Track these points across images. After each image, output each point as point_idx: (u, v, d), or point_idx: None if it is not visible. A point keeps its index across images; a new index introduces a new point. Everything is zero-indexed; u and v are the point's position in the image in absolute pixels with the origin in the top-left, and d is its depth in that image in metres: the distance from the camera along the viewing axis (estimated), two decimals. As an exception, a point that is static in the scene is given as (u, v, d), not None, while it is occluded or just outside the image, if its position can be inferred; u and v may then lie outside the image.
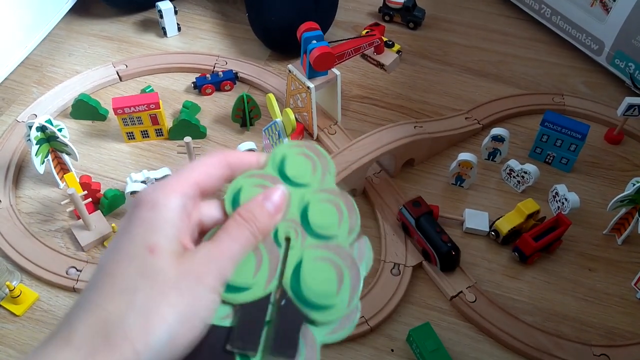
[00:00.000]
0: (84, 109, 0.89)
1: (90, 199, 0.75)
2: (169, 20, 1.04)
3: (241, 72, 0.98)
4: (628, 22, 0.92)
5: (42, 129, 0.75)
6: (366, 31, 1.03)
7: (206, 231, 0.31)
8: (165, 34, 1.06)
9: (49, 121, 0.76)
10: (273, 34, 1.00)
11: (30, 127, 0.74)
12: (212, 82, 0.95)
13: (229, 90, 0.96)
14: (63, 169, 0.82)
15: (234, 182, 0.32)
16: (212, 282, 0.28)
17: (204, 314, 0.28)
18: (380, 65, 1.02)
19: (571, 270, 0.75)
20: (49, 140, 0.77)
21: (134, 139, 0.87)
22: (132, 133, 0.87)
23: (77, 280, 0.71)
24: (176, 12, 1.04)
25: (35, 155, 0.76)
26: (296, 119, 0.76)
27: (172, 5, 1.03)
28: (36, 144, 0.75)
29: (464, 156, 0.80)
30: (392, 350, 0.67)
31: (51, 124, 0.76)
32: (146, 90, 0.93)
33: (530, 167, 0.81)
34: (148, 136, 0.88)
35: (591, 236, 0.79)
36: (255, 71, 0.99)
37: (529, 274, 0.75)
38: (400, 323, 0.69)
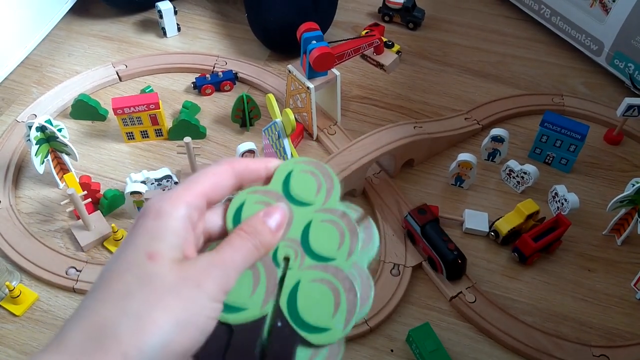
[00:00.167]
0: (84, 109, 0.89)
1: (89, 199, 0.75)
2: (169, 20, 1.04)
3: (241, 73, 0.98)
4: (627, 23, 0.92)
5: (41, 129, 0.75)
6: (366, 31, 1.04)
7: (212, 240, 0.31)
8: (165, 34, 1.06)
9: (48, 121, 0.76)
10: (272, 34, 1.00)
11: (30, 127, 0.74)
12: (212, 82, 0.95)
13: (229, 90, 0.96)
14: (63, 169, 0.82)
15: (236, 197, 0.32)
16: (213, 290, 0.28)
17: (203, 321, 0.27)
18: (379, 65, 1.02)
19: (571, 271, 0.75)
20: (48, 140, 0.77)
21: (133, 139, 0.87)
22: (131, 133, 0.87)
23: (77, 281, 0.71)
24: (176, 12, 1.04)
25: (35, 155, 0.76)
26: (296, 119, 0.76)
27: (171, 6, 1.03)
28: (36, 144, 0.75)
29: (464, 157, 0.80)
30: (392, 351, 0.67)
31: (51, 124, 0.76)
32: (146, 91, 0.93)
33: (530, 168, 0.81)
34: (148, 136, 0.88)
35: (591, 237, 0.79)
36: (254, 71, 0.99)
37: (528, 274, 0.75)
38: (399, 323, 0.69)
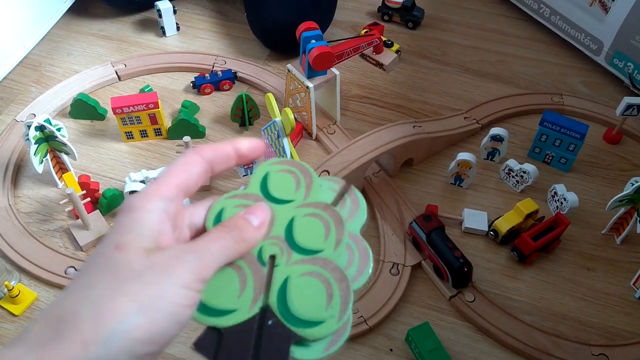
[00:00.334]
0: (83, 108, 0.89)
1: (89, 199, 0.75)
2: (168, 19, 1.04)
3: (240, 72, 0.98)
4: (627, 22, 0.92)
5: (40, 128, 0.75)
6: (365, 31, 1.03)
7: (201, 233, 0.31)
8: (164, 33, 1.06)
9: (47, 121, 0.76)
10: (272, 34, 1.00)
11: (29, 126, 0.74)
12: (211, 81, 0.95)
13: (228, 89, 0.96)
14: (62, 168, 0.82)
15: (215, 204, 0.32)
16: (183, 276, 0.27)
17: (171, 308, 0.27)
18: (379, 64, 1.02)
19: (570, 270, 0.75)
20: (47, 139, 0.77)
21: (132, 138, 0.87)
22: (130, 132, 0.87)
23: (76, 280, 0.70)
24: (175, 11, 1.04)
25: (34, 154, 0.75)
26: (295, 118, 0.76)
27: (171, 5, 1.03)
28: (35, 143, 0.75)
29: (463, 156, 0.80)
30: (391, 350, 0.67)
31: (50, 124, 0.76)
32: (145, 90, 0.93)
33: (529, 167, 0.81)
34: (147, 136, 0.88)
35: (590, 236, 0.79)
36: (254, 71, 0.99)
37: (527, 273, 0.75)
38: (399, 323, 0.69)
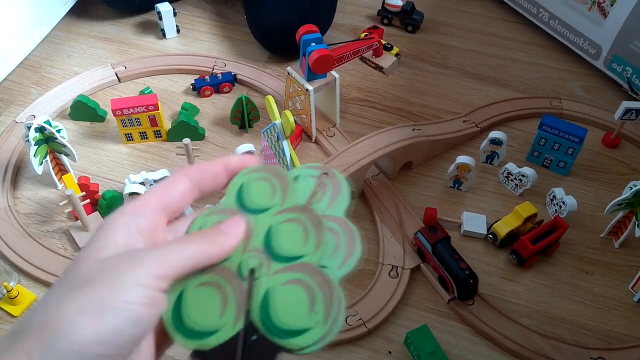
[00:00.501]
0: (83, 110, 0.89)
1: (88, 200, 0.75)
2: (168, 22, 1.04)
3: (240, 74, 0.98)
4: (625, 27, 0.93)
5: (40, 129, 0.75)
6: (365, 34, 1.04)
7: None
8: (164, 35, 1.06)
9: (47, 122, 0.76)
10: (271, 36, 1.00)
11: (28, 127, 0.74)
12: (211, 84, 0.95)
13: (228, 92, 0.96)
14: (61, 170, 0.82)
15: (193, 222, 0.32)
16: (139, 275, 0.27)
17: (125, 306, 0.26)
18: (378, 68, 1.02)
19: (568, 274, 0.75)
20: (47, 141, 0.77)
21: (132, 140, 0.87)
22: (130, 134, 0.87)
23: (75, 282, 0.70)
24: (175, 14, 1.04)
25: (34, 156, 0.75)
26: (295, 121, 0.76)
27: (171, 7, 1.03)
28: (34, 144, 0.75)
29: (462, 159, 0.80)
30: (390, 353, 0.67)
31: (50, 125, 0.76)
32: (145, 92, 0.93)
33: (528, 171, 0.81)
34: (146, 137, 0.88)
35: (588, 239, 0.79)
36: (254, 73, 0.99)
37: (526, 277, 0.75)
38: (398, 325, 0.69)
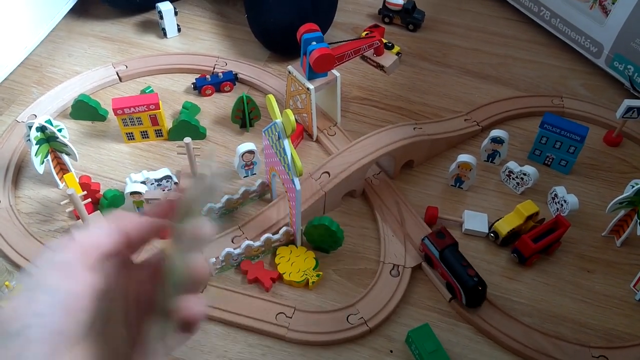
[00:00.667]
0: (84, 109, 0.89)
1: (89, 199, 0.75)
2: (169, 21, 1.04)
3: (241, 73, 0.98)
4: (627, 25, 0.93)
5: (41, 129, 0.75)
6: (366, 33, 1.04)
7: None
8: (165, 34, 1.06)
9: (48, 121, 0.76)
10: (272, 35, 1.00)
11: (30, 127, 0.74)
12: (212, 83, 0.95)
13: (229, 91, 0.96)
14: (62, 169, 0.82)
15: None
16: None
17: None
18: (379, 66, 1.02)
19: (570, 272, 0.75)
20: (48, 140, 0.77)
21: (133, 139, 0.88)
22: (131, 133, 0.87)
23: (76, 281, 0.70)
24: (176, 13, 1.04)
25: (35, 155, 0.76)
26: (296, 120, 0.76)
27: (172, 7, 1.03)
28: (36, 144, 0.75)
29: (464, 158, 0.80)
30: (391, 351, 0.67)
31: (51, 124, 0.76)
32: (146, 91, 0.93)
33: (530, 169, 0.81)
34: (148, 137, 0.88)
35: (590, 238, 0.79)
36: (254, 72, 0.99)
37: (528, 275, 0.75)
38: (399, 324, 0.69)
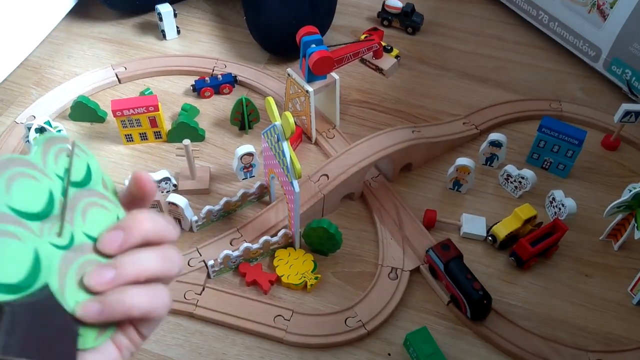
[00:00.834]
0: (83, 110, 0.89)
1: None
2: (169, 23, 1.04)
3: (240, 76, 0.98)
4: (625, 29, 0.93)
5: (40, 130, 0.75)
6: (365, 36, 1.04)
7: None
8: (164, 36, 1.06)
9: (47, 123, 0.76)
10: (270, 38, 1.00)
11: (29, 128, 0.74)
12: (211, 85, 0.95)
13: (228, 93, 0.97)
14: (61, 170, 0.82)
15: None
16: None
17: None
18: (378, 69, 1.02)
19: (568, 276, 0.75)
20: (47, 141, 0.77)
21: (132, 141, 0.87)
22: (130, 135, 0.87)
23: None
24: (176, 15, 1.04)
25: (34, 156, 0.76)
26: (295, 122, 0.76)
27: (171, 8, 1.03)
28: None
29: (462, 161, 0.80)
30: (389, 354, 0.67)
31: (50, 126, 0.76)
32: (145, 93, 0.93)
33: (528, 173, 0.81)
34: (147, 138, 0.88)
35: (588, 242, 0.79)
36: (254, 74, 0.99)
37: (525, 279, 0.75)
38: (397, 327, 0.69)
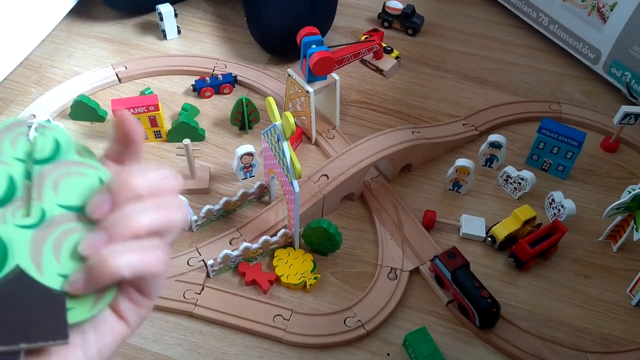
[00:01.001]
0: (83, 110, 0.89)
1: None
2: (169, 23, 1.04)
3: (240, 76, 0.98)
4: (625, 32, 0.93)
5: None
6: (365, 37, 1.04)
7: None
8: (165, 36, 1.06)
9: (47, 122, 0.76)
10: (270, 38, 1.00)
11: (29, 127, 0.74)
12: (212, 85, 0.95)
13: (228, 93, 0.97)
14: (61, 169, 0.81)
15: None
16: None
17: None
18: (379, 70, 1.02)
19: (567, 277, 0.76)
20: (47, 140, 0.77)
21: (132, 140, 0.87)
22: (130, 135, 0.87)
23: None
24: (176, 15, 1.05)
25: (34, 155, 0.75)
26: (295, 123, 0.76)
27: (172, 8, 1.03)
28: (35, 144, 0.75)
29: (462, 162, 0.80)
30: (388, 355, 0.67)
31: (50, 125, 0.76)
32: (145, 92, 0.93)
33: (527, 174, 0.81)
34: (146, 138, 0.88)
35: (587, 243, 0.79)
36: (254, 75, 0.99)
37: (524, 280, 0.75)
38: (396, 327, 0.69)
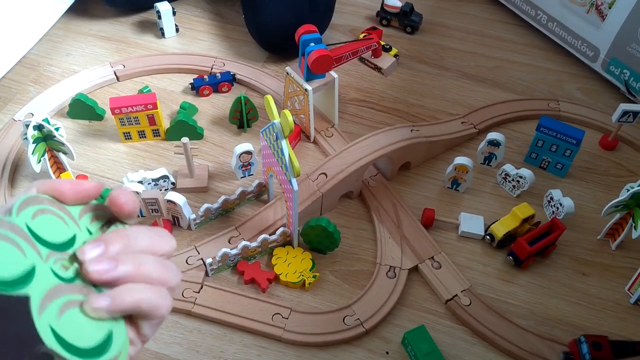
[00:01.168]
0: (81, 108, 0.89)
1: (86, 199, 0.75)
2: (167, 21, 1.04)
3: (239, 74, 0.98)
4: (623, 30, 0.93)
5: (39, 127, 0.75)
6: (364, 35, 1.04)
7: None
8: (163, 35, 1.06)
9: (46, 120, 0.76)
10: (268, 36, 1.00)
11: (27, 125, 0.74)
12: (210, 83, 0.95)
13: (227, 91, 0.97)
14: (59, 168, 0.81)
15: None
16: None
17: None
18: (377, 68, 1.02)
19: (565, 275, 0.76)
20: (45, 139, 0.77)
21: (130, 139, 0.87)
22: (129, 133, 0.87)
23: (72, 280, 0.70)
24: (174, 13, 1.04)
25: (32, 154, 0.75)
26: (293, 121, 0.76)
27: (170, 7, 1.03)
28: (33, 142, 0.75)
29: (460, 160, 0.80)
30: (387, 353, 0.67)
31: (48, 123, 0.76)
32: (143, 91, 0.93)
33: (526, 172, 0.81)
34: (145, 136, 0.88)
35: (585, 241, 0.79)
36: (252, 73, 0.99)
37: (523, 278, 0.75)
38: (395, 326, 0.69)
